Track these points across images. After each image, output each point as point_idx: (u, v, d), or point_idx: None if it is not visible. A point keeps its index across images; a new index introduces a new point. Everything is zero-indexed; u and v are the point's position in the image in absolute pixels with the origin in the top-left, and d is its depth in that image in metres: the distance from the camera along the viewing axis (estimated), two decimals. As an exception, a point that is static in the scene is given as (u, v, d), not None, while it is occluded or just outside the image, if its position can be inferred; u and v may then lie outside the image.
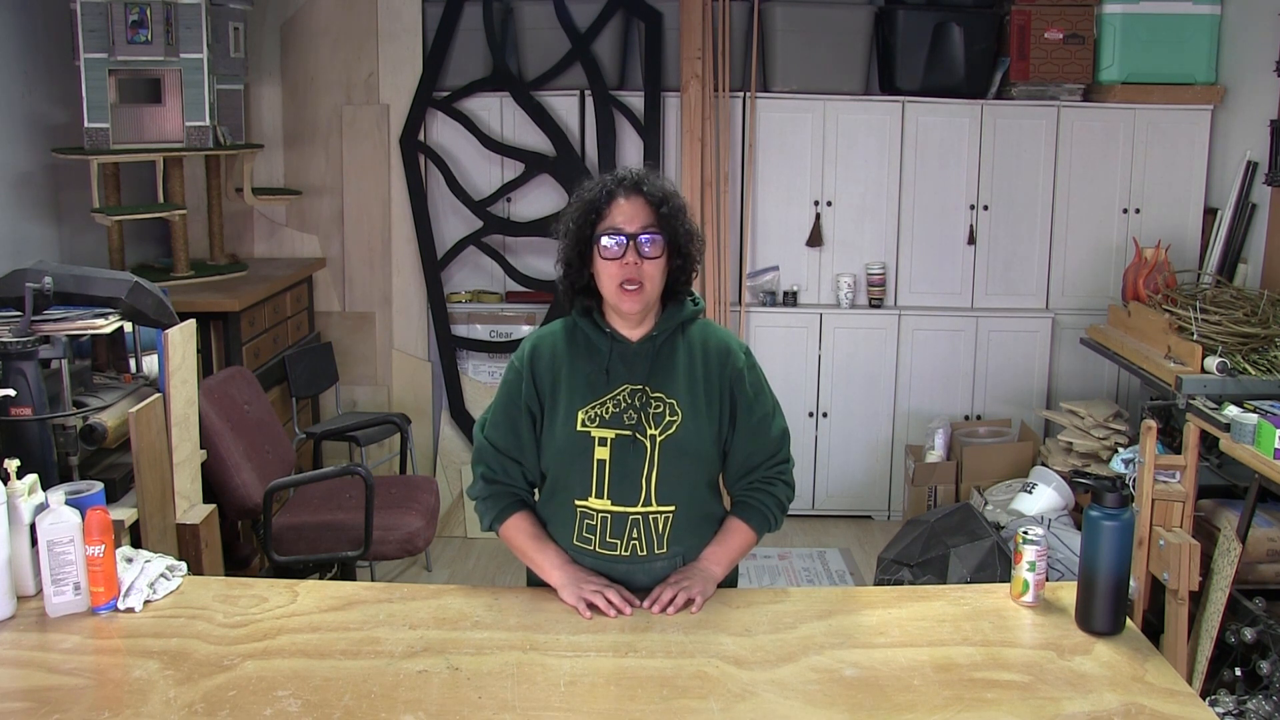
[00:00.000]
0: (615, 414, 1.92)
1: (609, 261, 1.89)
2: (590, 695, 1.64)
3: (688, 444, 1.92)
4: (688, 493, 1.95)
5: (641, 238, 1.88)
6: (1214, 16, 4.39)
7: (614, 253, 1.88)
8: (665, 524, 1.93)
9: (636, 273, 1.88)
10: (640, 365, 1.94)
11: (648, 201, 1.90)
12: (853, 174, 4.57)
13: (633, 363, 1.94)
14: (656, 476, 1.91)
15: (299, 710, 1.59)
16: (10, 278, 2.58)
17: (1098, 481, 1.85)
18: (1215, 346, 3.37)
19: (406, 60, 4.62)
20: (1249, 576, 3.04)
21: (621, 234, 1.88)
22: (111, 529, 1.90)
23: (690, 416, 1.93)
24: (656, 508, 1.92)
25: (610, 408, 1.92)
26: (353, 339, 4.81)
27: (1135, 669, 1.72)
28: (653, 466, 1.91)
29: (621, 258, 1.88)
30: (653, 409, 1.92)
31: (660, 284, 1.93)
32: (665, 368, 1.95)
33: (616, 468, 1.91)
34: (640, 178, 1.92)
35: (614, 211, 1.90)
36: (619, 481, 1.91)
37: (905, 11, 4.51)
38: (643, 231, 1.88)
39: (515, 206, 4.66)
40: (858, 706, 1.62)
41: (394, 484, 3.66)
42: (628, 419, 1.92)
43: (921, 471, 4.42)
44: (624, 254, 1.87)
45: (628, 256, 1.87)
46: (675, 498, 1.93)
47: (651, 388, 1.94)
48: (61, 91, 3.89)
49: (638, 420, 1.91)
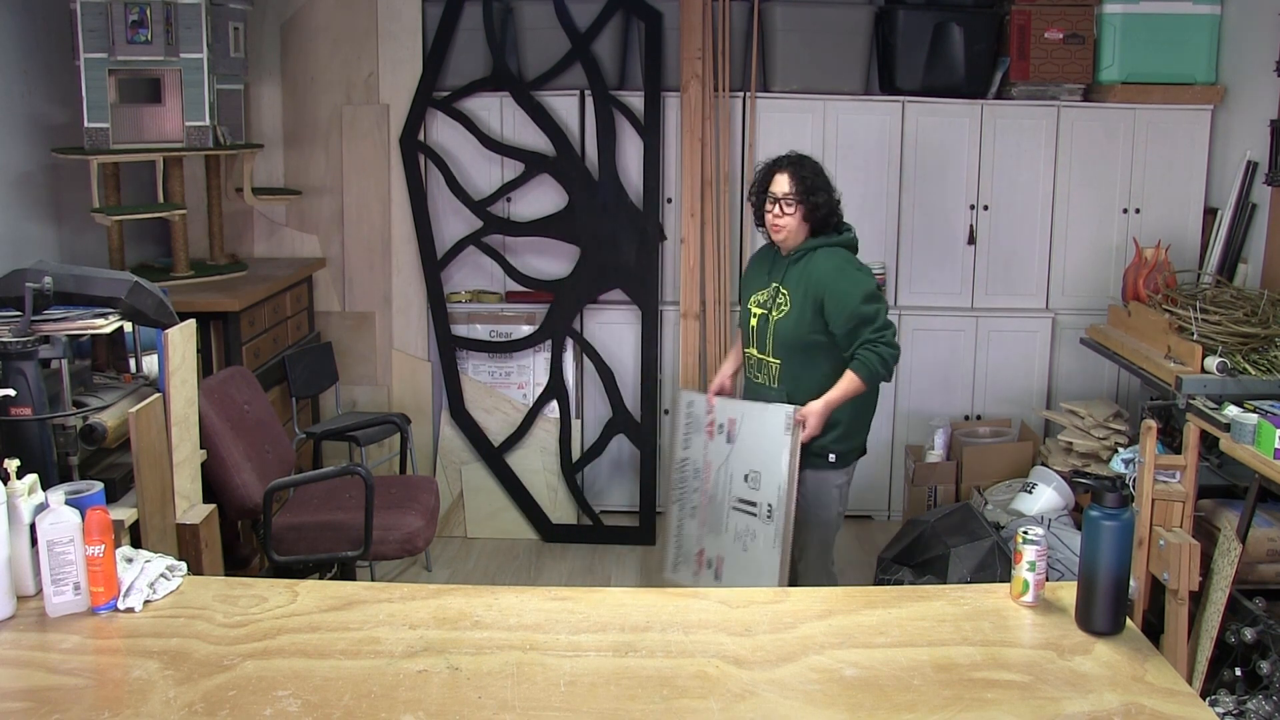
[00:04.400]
0: (763, 300, 3.11)
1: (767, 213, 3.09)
2: (590, 695, 1.64)
3: (787, 323, 3.04)
4: (788, 352, 3.06)
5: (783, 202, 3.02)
6: (1214, 16, 4.39)
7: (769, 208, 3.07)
8: (776, 369, 3.10)
9: (779, 221, 3.05)
10: (780, 271, 3.09)
11: (793, 177, 3.02)
12: (853, 174, 4.56)
13: (780, 269, 3.09)
14: (772, 340, 3.07)
15: (299, 710, 1.59)
16: (10, 278, 2.58)
17: (1098, 481, 1.85)
18: (1215, 346, 3.37)
19: (406, 60, 4.62)
20: (1249, 576, 3.04)
21: (773, 197, 3.04)
22: (111, 529, 1.91)
23: (796, 307, 3.02)
24: (771, 358, 3.10)
25: (764, 295, 3.12)
26: (353, 339, 4.81)
27: (1135, 669, 1.72)
28: (772, 334, 3.07)
29: (772, 211, 3.06)
30: (778, 299, 3.06)
31: (798, 227, 3.05)
32: (792, 275, 3.05)
33: (758, 331, 3.12)
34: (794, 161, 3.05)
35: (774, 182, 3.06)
36: (759, 339, 3.12)
37: (905, 11, 4.51)
38: (784, 198, 3.02)
39: (515, 206, 4.66)
40: (858, 706, 1.62)
41: (394, 484, 3.65)
42: (766, 303, 3.10)
43: (921, 471, 4.42)
44: (774, 209, 3.05)
45: (775, 210, 3.05)
46: (780, 354, 3.08)
47: (782, 286, 3.07)
48: (61, 91, 3.89)
49: (770, 304, 3.08)
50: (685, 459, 3.28)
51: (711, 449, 3.20)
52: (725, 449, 3.16)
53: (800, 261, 3.05)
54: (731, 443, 3.14)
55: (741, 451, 3.11)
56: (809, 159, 3.08)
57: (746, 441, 3.10)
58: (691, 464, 3.26)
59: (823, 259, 3.03)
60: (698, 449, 3.24)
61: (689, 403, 3.31)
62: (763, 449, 3.05)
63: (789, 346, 3.05)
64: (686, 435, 3.28)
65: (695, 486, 3.24)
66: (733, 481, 3.14)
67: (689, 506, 3.27)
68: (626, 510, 4.71)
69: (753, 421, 3.10)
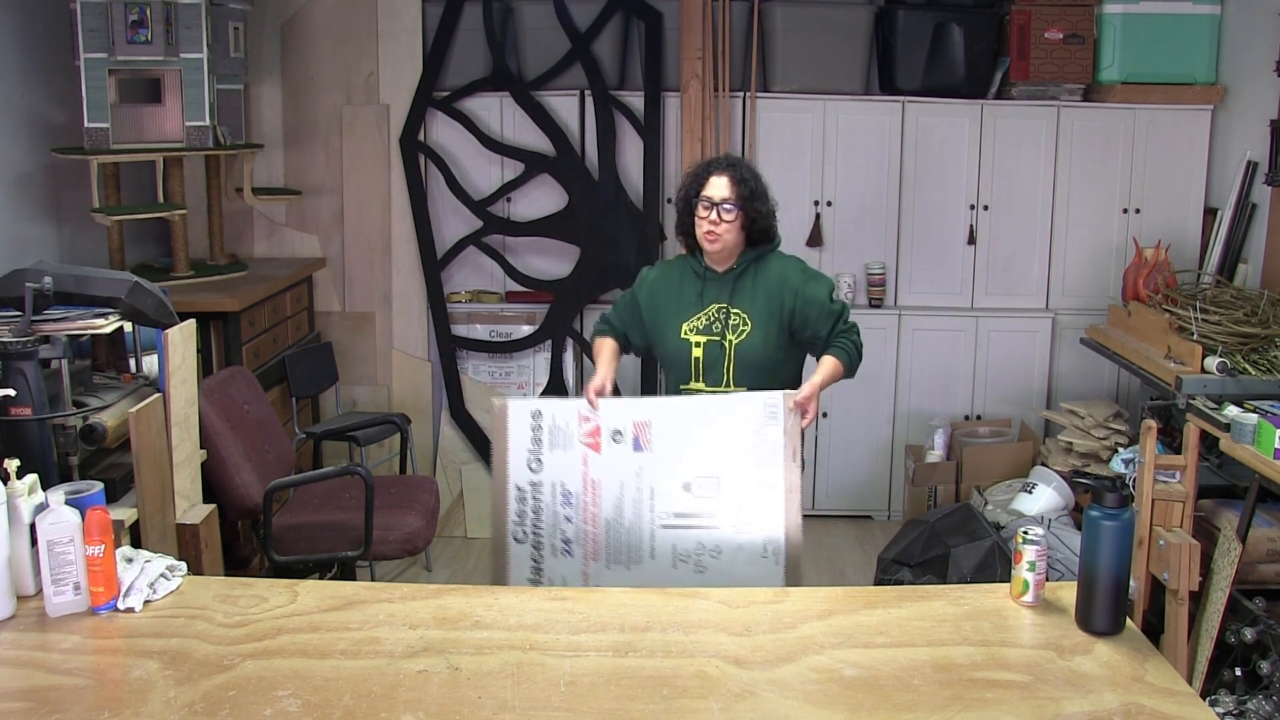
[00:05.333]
0: (704, 325, 2.70)
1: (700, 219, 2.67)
2: (590, 695, 1.64)
3: (753, 345, 2.67)
4: (754, 377, 2.66)
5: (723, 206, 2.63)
6: (1214, 16, 4.39)
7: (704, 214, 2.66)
8: None
9: (716, 228, 2.64)
10: (716, 290, 2.70)
11: (732, 180, 2.65)
12: (853, 174, 4.57)
13: (716, 289, 2.71)
14: (733, 367, 2.67)
15: (299, 710, 1.59)
16: (10, 278, 2.58)
17: (1098, 481, 1.85)
18: (1215, 346, 3.37)
19: (406, 60, 4.62)
20: (1249, 576, 3.04)
21: (710, 201, 2.64)
22: (111, 529, 1.91)
23: (759, 325, 2.67)
24: (730, 389, 2.67)
25: (702, 320, 2.70)
26: (353, 339, 4.81)
27: (1135, 669, 1.72)
28: (732, 361, 2.67)
29: (707, 217, 2.64)
30: (731, 321, 2.68)
31: (735, 236, 2.66)
32: (742, 292, 2.69)
33: (707, 362, 2.69)
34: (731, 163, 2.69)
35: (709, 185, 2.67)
36: (707, 371, 2.69)
37: (905, 11, 4.51)
38: (723, 202, 2.63)
39: (515, 206, 4.66)
40: (858, 706, 1.62)
41: (394, 484, 3.65)
42: (714, 327, 2.69)
43: (921, 471, 4.42)
44: (710, 214, 2.64)
45: (712, 216, 2.64)
46: (745, 381, 2.67)
47: (731, 304, 2.69)
48: (61, 91, 3.89)
49: (718, 329, 2.68)
50: (538, 483, 2.57)
51: (599, 464, 2.54)
52: (633, 461, 2.53)
53: (745, 275, 2.69)
54: (644, 451, 2.53)
55: (670, 459, 2.52)
56: (746, 162, 2.74)
57: (680, 446, 2.53)
58: (551, 488, 2.56)
59: (778, 266, 2.72)
60: (565, 468, 2.56)
61: (534, 413, 2.60)
62: (722, 448, 2.51)
63: (756, 369, 2.67)
64: (535, 452, 2.58)
65: (566, 515, 2.56)
66: (655, 497, 2.52)
67: (552, 543, 2.56)
68: (626, 510, 4.70)
69: (691, 420, 2.55)
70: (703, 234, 2.66)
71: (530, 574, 2.57)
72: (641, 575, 2.50)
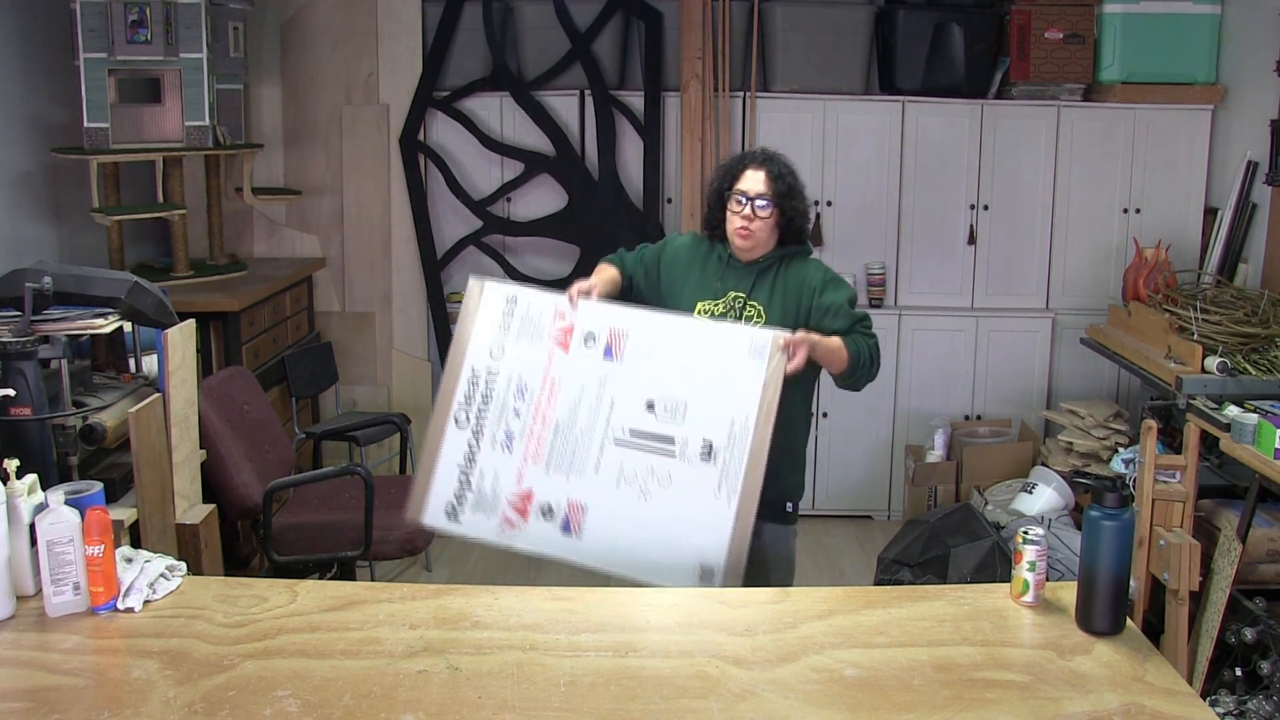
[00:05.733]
0: (719, 312, 2.54)
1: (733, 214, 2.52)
2: (590, 695, 1.64)
3: None
4: None
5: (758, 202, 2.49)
6: (1214, 16, 4.39)
7: (737, 209, 2.51)
8: None
9: (749, 224, 2.50)
10: (736, 281, 2.55)
11: (769, 175, 2.51)
12: (853, 174, 4.57)
13: (736, 279, 2.55)
14: None
15: (299, 710, 1.59)
16: (10, 278, 2.58)
17: (1098, 481, 1.85)
18: (1215, 346, 3.37)
19: (406, 60, 4.62)
20: (1249, 576, 3.04)
21: (745, 196, 2.50)
22: (111, 529, 1.90)
23: (772, 322, 2.48)
24: None
25: (718, 306, 2.55)
26: (353, 339, 4.81)
27: (1135, 669, 1.72)
28: None
29: (741, 212, 2.50)
30: (746, 313, 2.52)
31: (768, 234, 2.53)
32: (762, 288, 2.54)
33: None
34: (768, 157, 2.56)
35: (743, 179, 2.53)
36: None
37: (905, 11, 4.51)
38: (758, 198, 2.49)
39: (515, 206, 4.66)
40: (858, 706, 1.61)
41: (394, 484, 3.65)
42: (729, 316, 2.52)
43: (921, 471, 4.42)
44: (743, 210, 2.50)
45: (745, 211, 2.50)
46: None
47: (749, 296, 2.54)
48: (61, 91, 3.89)
49: (735, 318, 2.51)
50: (495, 370, 2.39)
51: (563, 364, 2.37)
52: (600, 368, 2.36)
53: (769, 272, 2.55)
54: (614, 360, 2.37)
55: (640, 374, 2.34)
56: (782, 157, 2.59)
57: (652, 363, 2.36)
58: (507, 379, 2.38)
59: (803, 268, 2.57)
60: (528, 361, 2.39)
61: (510, 299, 2.43)
62: (697, 374, 2.34)
63: None
64: (500, 339, 2.40)
65: (516, 409, 2.37)
66: (615, 409, 2.33)
67: (494, 434, 2.36)
68: (626, 510, 4.70)
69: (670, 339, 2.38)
70: (734, 230, 2.51)
71: (461, 461, 2.36)
72: (581, 487, 2.31)
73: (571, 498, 2.31)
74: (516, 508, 2.34)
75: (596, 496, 2.31)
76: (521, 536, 2.33)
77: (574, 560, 2.28)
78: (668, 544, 2.25)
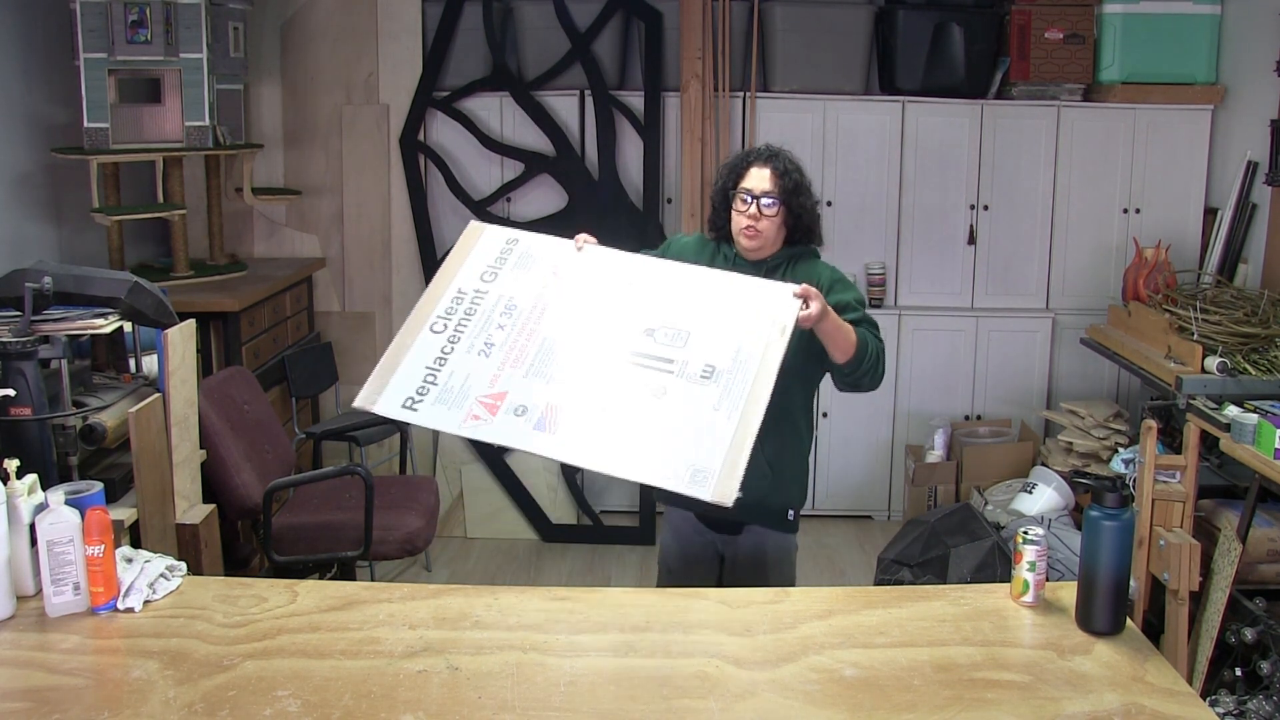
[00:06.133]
0: None
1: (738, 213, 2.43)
2: (590, 695, 1.64)
3: None
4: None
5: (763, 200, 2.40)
6: (1214, 16, 4.39)
7: (742, 208, 2.43)
8: None
9: (756, 223, 2.41)
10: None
11: (774, 172, 2.42)
12: (853, 174, 4.57)
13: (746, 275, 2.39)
14: None
15: (299, 710, 1.59)
16: (10, 278, 2.58)
17: (1098, 481, 1.85)
18: (1215, 346, 3.37)
19: (406, 60, 4.62)
20: (1249, 576, 3.04)
21: (751, 194, 2.41)
22: (111, 529, 1.90)
23: None
24: None
25: None
26: (353, 339, 4.81)
27: (1135, 669, 1.72)
28: None
29: (746, 211, 2.41)
30: None
31: (775, 233, 2.44)
32: None
33: None
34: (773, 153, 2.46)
35: (748, 176, 2.43)
36: None
37: (905, 11, 4.51)
38: (764, 195, 2.40)
39: (515, 206, 4.66)
40: (858, 706, 1.61)
41: (394, 484, 3.66)
42: None
43: (921, 471, 4.42)
44: (749, 208, 2.41)
45: (751, 210, 2.41)
46: None
47: None
48: (61, 91, 3.89)
49: None
50: (483, 291, 2.28)
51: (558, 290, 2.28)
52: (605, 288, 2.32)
53: (777, 273, 2.46)
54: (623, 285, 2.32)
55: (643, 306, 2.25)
56: (788, 153, 2.50)
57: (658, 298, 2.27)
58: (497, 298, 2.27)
59: (811, 269, 2.50)
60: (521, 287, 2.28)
61: (511, 239, 2.36)
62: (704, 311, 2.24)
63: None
64: (494, 269, 2.31)
65: (500, 324, 2.22)
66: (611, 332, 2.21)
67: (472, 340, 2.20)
68: (626, 510, 4.70)
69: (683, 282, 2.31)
70: (740, 229, 2.42)
71: (430, 363, 2.19)
72: (562, 391, 2.09)
73: (551, 400, 2.09)
74: (486, 405, 2.10)
75: (578, 398, 2.10)
76: (488, 430, 2.07)
77: (546, 454, 2.03)
78: (656, 446, 2.01)
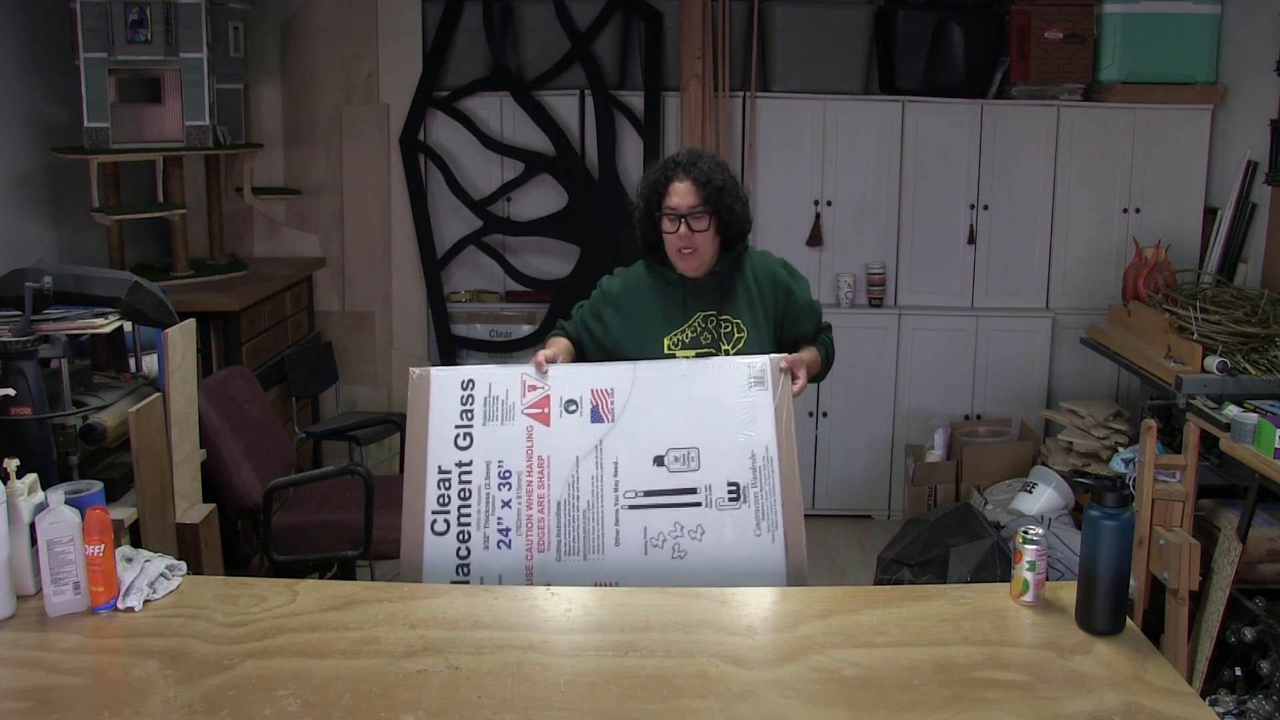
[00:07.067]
0: (691, 338, 2.39)
1: (669, 234, 2.35)
2: (590, 695, 1.64)
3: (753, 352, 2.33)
4: None
5: (691, 217, 2.32)
6: (1214, 16, 4.39)
7: (671, 228, 2.34)
8: None
9: (690, 241, 2.33)
10: (703, 299, 2.40)
11: (695, 183, 2.32)
12: (853, 174, 4.57)
13: (702, 297, 2.40)
14: None
15: (299, 710, 1.59)
16: (10, 277, 2.58)
17: (1098, 481, 1.84)
18: (1215, 346, 3.37)
19: (406, 60, 4.62)
20: (1249, 576, 3.04)
21: (676, 213, 2.33)
22: (111, 528, 1.90)
23: (753, 330, 2.39)
24: None
25: (689, 333, 2.39)
26: (352, 339, 4.81)
27: (1135, 669, 1.72)
28: None
29: (677, 231, 2.33)
30: (723, 329, 2.39)
31: (711, 244, 2.36)
32: (731, 297, 2.41)
33: None
34: (690, 161, 2.35)
35: (670, 194, 2.34)
36: None
37: (905, 11, 4.51)
38: (691, 211, 2.32)
39: (515, 206, 4.66)
40: (858, 706, 1.61)
41: (394, 484, 3.64)
42: (704, 339, 2.38)
43: (921, 471, 4.42)
44: (678, 228, 2.33)
45: (681, 230, 2.32)
46: None
47: (720, 312, 2.40)
48: (61, 91, 3.89)
49: (710, 340, 2.38)
50: (466, 462, 2.14)
51: (548, 438, 2.14)
52: (591, 432, 2.14)
53: (730, 278, 2.42)
54: (605, 421, 2.16)
55: (638, 430, 2.15)
56: (707, 154, 2.39)
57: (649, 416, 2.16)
58: (486, 466, 2.13)
59: (761, 264, 2.47)
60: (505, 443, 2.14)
61: (464, 382, 2.19)
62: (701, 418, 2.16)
63: None
64: (464, 427, 2.16)
65: (504, 500, 2.10)
66: (620, 473, 2.11)
67: (485, 533, 2.10)
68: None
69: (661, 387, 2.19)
70: (675, 251, 2.34)
71: (455, 576, 2.09)
72: (603, 567, 2.04)
73: (598, 581, 2.04)
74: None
75: (625, 572, 2.05)
76: None
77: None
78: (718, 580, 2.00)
